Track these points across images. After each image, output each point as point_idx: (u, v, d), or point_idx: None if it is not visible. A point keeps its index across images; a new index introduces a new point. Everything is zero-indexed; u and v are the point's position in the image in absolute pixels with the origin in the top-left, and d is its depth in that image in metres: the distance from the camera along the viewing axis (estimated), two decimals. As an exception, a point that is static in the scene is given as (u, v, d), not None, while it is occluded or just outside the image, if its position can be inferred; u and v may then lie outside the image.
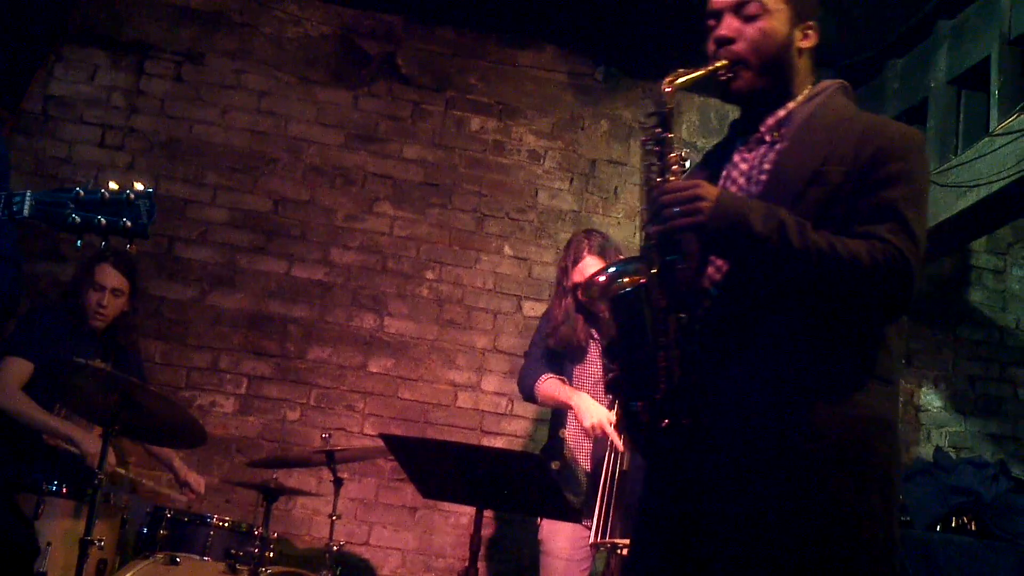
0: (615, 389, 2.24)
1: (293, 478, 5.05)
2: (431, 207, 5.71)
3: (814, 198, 2.09)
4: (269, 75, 5.72)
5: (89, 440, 4.07)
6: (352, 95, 5.78)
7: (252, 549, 3.99)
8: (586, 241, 4.20)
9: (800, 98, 2.26)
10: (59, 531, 3.79)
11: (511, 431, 5.54)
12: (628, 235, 5.75)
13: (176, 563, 3.85)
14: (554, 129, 5.93)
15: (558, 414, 4.25)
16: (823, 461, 2.00)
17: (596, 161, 5.93)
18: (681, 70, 2.21)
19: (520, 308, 5.67)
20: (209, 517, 4.13)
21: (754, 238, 2.02)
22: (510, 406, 5.53)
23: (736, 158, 2.29)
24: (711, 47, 2.25)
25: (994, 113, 4.66)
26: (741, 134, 2.32)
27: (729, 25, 2.23)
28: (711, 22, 2.27)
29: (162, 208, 5.47)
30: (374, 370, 5.49)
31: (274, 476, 4.24)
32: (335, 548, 4.20)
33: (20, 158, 5.33)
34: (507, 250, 5.75)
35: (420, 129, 5.80)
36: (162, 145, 5.55)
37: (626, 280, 2.16)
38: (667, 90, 2.20)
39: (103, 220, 2.18)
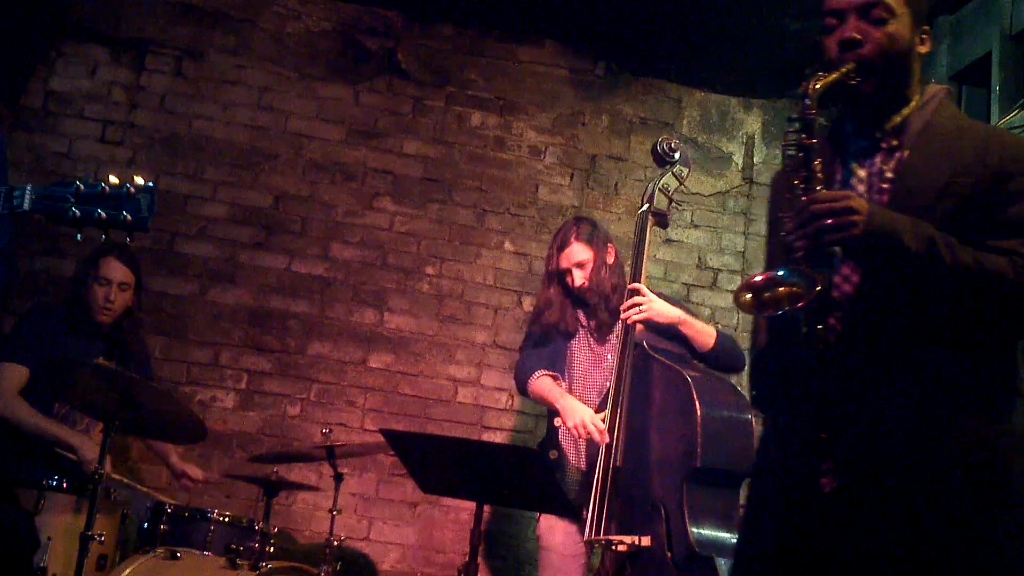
0: (762, 405, 2.21)
1: (293, 473, 5.05)
2: (431, 203, 5.72)
3: (944, 210, 2.08)
4: (269, 71, 5.72)
5: (87, 446, 4.06)
6: (352, 91, 5.78)
7: (252, 544, 3.98)
8: (574, 228, 4.18)
9: (913, 104, 2.24)
10: (60, 526, 3.80)
11: (511, 426, 5.54)
12: (628, 231, 5.75)
13: (176, 558, 3.85)
14: (555, 125, 5.93)
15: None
16: (971, 482, 2.00)
17: (596, 157, 5.93)
18: (820, 73, 2.15)
19: (520, 303, 5.67)
20: (209, 512, 4.12)
21: (905, 253, 2.00)
22: (510, 401, 5.53)
23: (852, 165, 2.26)
24: (832, 48, 2.21)
25: (995, 109, 4.65)
26: (852, 139, 2.30)
27: (856, 27, 2.18)
28: (831, 21, 2.22)
29: (162, 204, 5.45)
30: (374, 365, 5.49)
31: (274, 471, 4.24)
32: (335, 543, 4.19)
33: (20, 154, 5.33)
34: (507, 245, 5.75)
35: (420, 125, 5.80)
36: (162, 141, 5.55)
37: (782, 290, 2.06)
38: (812, 93, 2.13)
39: (103, 214, 2.18)
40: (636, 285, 3.81)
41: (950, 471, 2.00)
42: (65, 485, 3.86)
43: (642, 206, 3.93)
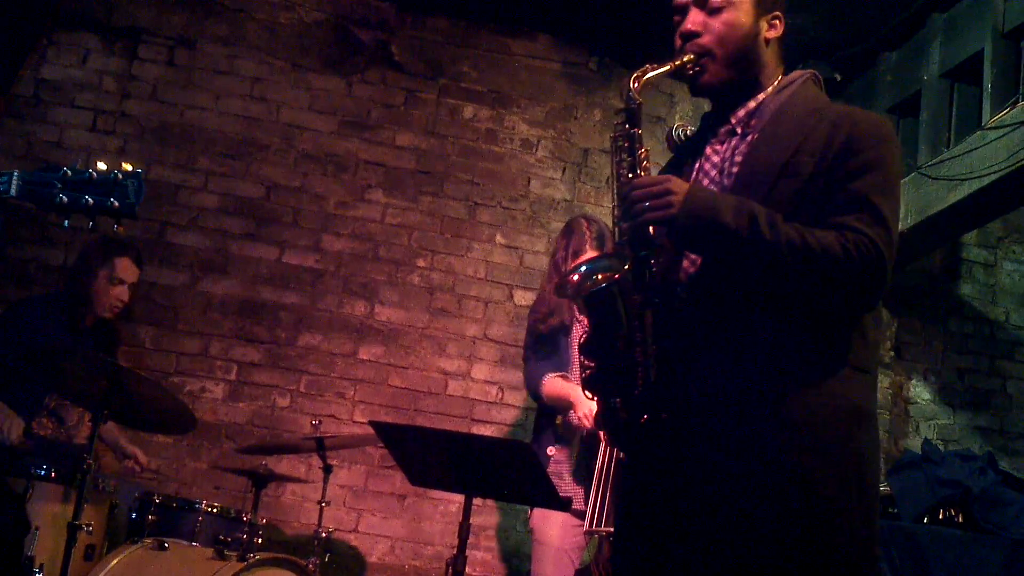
0: (591, 386, 2.19)
1: (282, 465, 5.06)
2: (423, 195, 5.71)
3: (786, 189, 2.08)
4: (262, 61, 5.70)
5: (9, 425, 4.03)
6: (345, 82, 5.77)
7: (240, 535, 3.98)
8: (588, 232, 4.15)
9: (770, 89, 2.25)
10: (47, 515, 3.78)
11: (501, 419, 5.54)
12: (620, 225, 5.75)
13: (164, 548, 3.85)
14: (547, 118, 5.92)
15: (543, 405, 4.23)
16: (798, 452, 1.98)
17: (589, 150, 5.93)
18: (648, 65, 2.20)
19: (511, 297, 5.67)
20: (198, 503, 4.13)
21: (725, 231, 2.00)
22: (500, 394, 5.53)
23: (708, 150, 2.29)
24: (678, 42, 2.25)
25: (986, 106, 4.67)
26: (713, 127, 2.32)
27: (694, 19, 2.22)
28: (677, 18, 2.27)
29: (154, 193, 5.48)
30: (364, 357, 5.49)
31: (263, 462, 4.25)
32: (324, 535, 4.20)
33: (11, 142, 5.32)
34: (499, 239, 5.74)
35: (413, 117, 5.79)
36: (154, 130, 5.54)
37: (599, 277, 2.13)
38: (634, 86, 2.19)
39: (91, 200, 2.15)
40: None
41: (779, 442, 1.98)
42: (53, 474, 3.85)
43: None
